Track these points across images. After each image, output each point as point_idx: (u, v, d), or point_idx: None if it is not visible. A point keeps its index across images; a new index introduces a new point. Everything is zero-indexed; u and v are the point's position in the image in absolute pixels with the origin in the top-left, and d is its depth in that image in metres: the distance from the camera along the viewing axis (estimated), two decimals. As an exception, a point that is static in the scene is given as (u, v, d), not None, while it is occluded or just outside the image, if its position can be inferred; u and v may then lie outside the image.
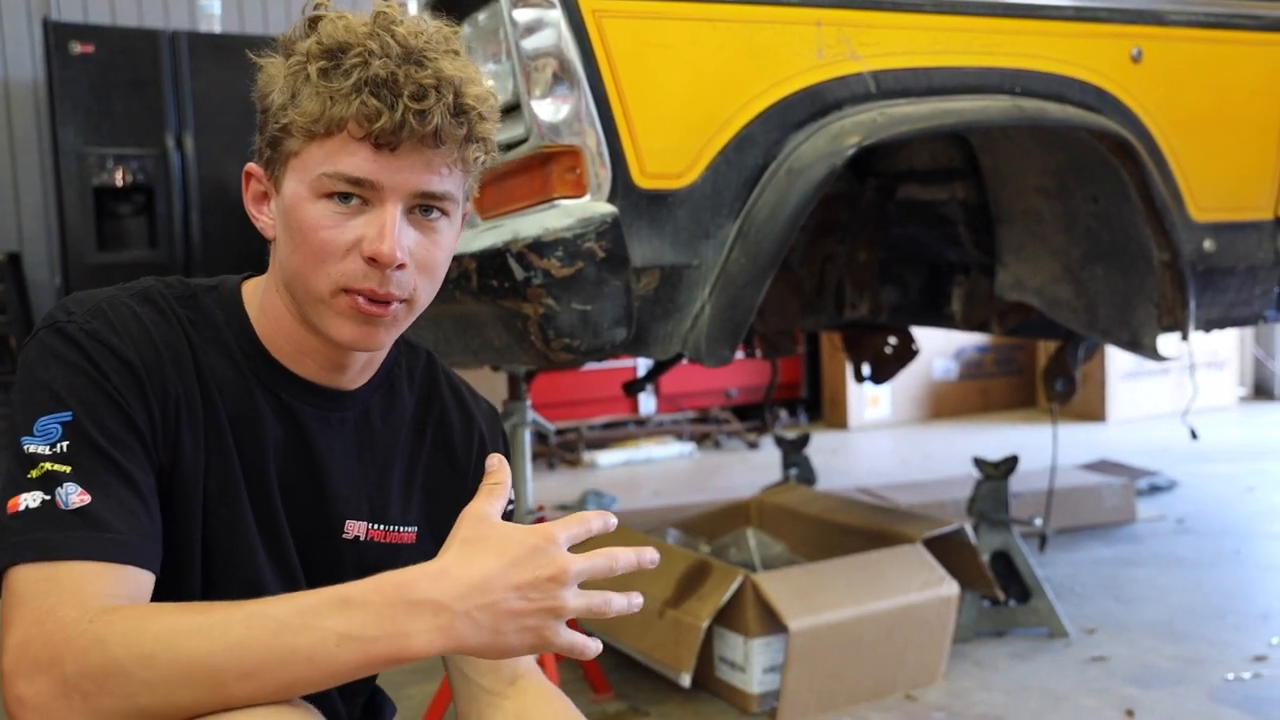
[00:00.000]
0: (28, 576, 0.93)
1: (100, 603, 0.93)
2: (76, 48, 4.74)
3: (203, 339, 1.10)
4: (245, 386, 1.11)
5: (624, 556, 0.99)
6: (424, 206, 1.05)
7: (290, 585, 1.14)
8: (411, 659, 0.90)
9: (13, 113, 5.44)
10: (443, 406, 1.25)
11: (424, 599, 0.90)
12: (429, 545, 1.24)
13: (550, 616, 0.93)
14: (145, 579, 0.98)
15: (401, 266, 1.03)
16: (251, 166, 1.10)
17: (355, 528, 1.19)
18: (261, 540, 1.12)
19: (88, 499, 0.96)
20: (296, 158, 1.03)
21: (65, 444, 0.98)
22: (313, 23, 1.04)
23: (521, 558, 0.93)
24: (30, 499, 0.95)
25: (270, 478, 1.13)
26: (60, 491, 0.96)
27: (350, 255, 1.03)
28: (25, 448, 0.98)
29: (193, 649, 0.88)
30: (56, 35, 4.73)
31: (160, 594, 1.00)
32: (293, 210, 1.04)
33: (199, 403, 1.08)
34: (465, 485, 1.25)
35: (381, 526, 1.20)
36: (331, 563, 1.17)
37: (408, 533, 1.22)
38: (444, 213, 1.07)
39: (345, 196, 1.02)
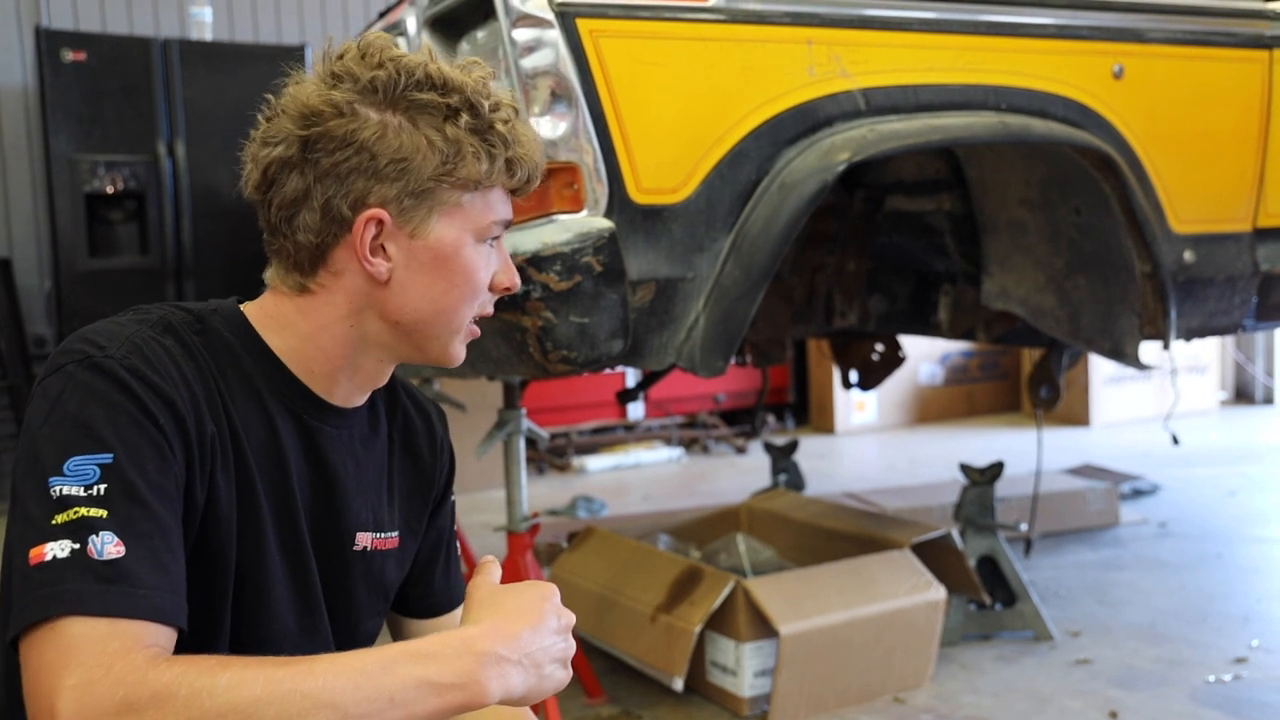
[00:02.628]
0: (77, 626, 0.89)
1: (164, 654, 0.91)
2: (68, 55, 4.76)
3: (220, 366, 1.10)
4: (266, 414, 1.12)
5: None
6: None
7: (308, 611, 1.17)
8: (477, 706, 0.96)
9: (4, 119, 5.45)
10: (405, 412, 1.30)
11: (489, 651, 0.98)
12: (409, 546, 1.29)
13: (569, 654, 1.07)
14: (174, 637, 0.95)
15: None
16: (379, 212, 1.09)
17: (363, 539, 1.22)
18: (284, 568, 1.14)
19: (123, 550, 0.92)
20: (456, 207, 1.11)
21: (103, 487, 0.94)
22: (428, 73, 1.09)
23: (549, 610, 1.06)
24: (58, 548, 0.91)
25: (296, 505, 1.14)
26: (94, 540, 0.92)
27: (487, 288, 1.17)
28: (54, 489, 0.93)
29: (292, 688, 0.89)
30: (48, 43, 4.75)
31: (192, 632, 0.99)
32: (455, 254, 1.12)
33: (228, 438, 1.08)
34: (431, 485, 1.31)
35: (380, 535, 1.24)
36: (341, 575, 1.21)
37: (394, 538, 1.26)
38: None
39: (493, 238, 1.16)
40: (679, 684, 2.60)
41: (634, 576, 2.89)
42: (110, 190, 4.85)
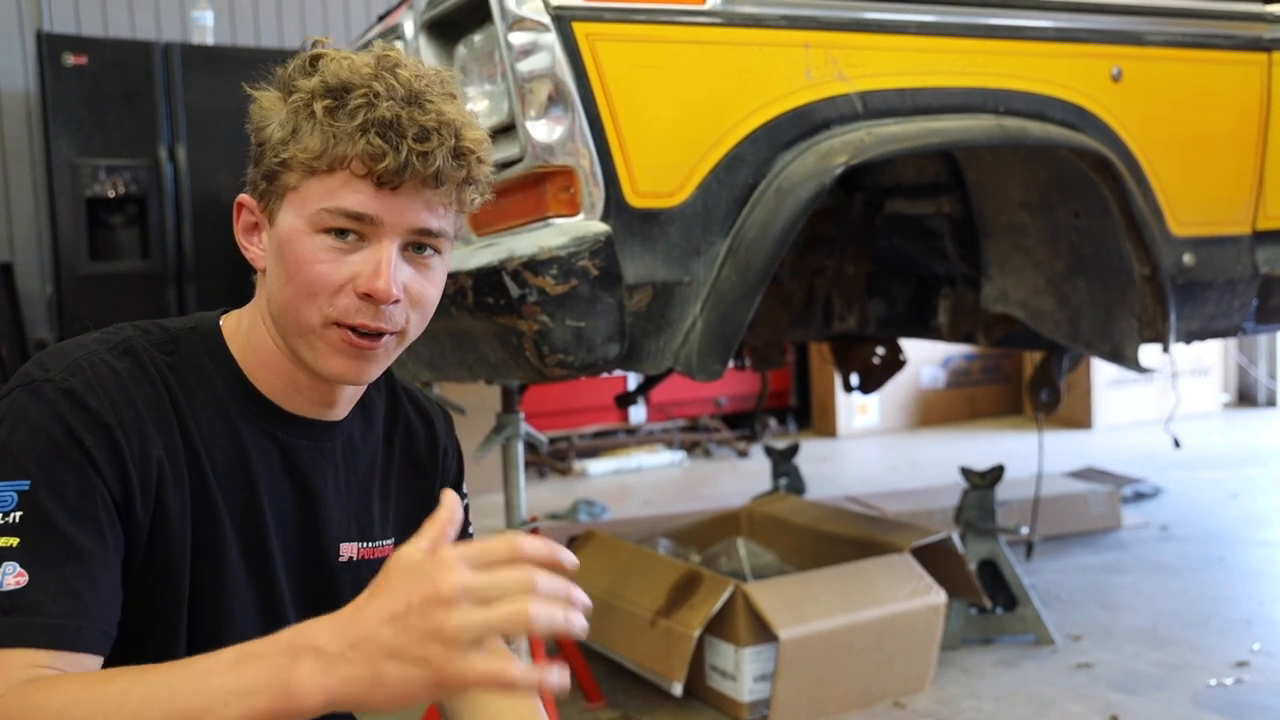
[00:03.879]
0: None
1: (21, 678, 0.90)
2: (69, 59, 4.76)
3: (186, 387, 1.08)
4: (234, 432, 1.10)
5: (530, 546, 0.83)
6: (418, 244, 1.07)
7: (273, 631, 1.16)
8: (298, 714, 0.81)
9: (5, 123, 5.46)
10: (406, 417, 1.28)
11: (305, 644, 0.82)
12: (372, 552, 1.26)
13: (436, 644, 0.77)
14: (83, 662, 0.94)
15: (396, 302, 1.05)
16: (244, 198, 1.10)
17: (348, 549, 1.20)
18: (250, 586, 1.12)
19: (24, 580, 0.92)
20: (294, 192, 1.04)
21: (18, 514, 0.94)
22: (314, 61, 1.05)
23: (394, 584, 0.80)
24: None
25: (265, 523, 1.12)
26: None
27: (344, 291, 1.04)
28: None
29: (104, 707, 0.85)
30: (50, 47, 4.75)
31: (145, 653, 0.97)
32: (288, 243, 1.05)
33: (183, 460, 1.06)
34: (433, 491, 1.27)
35: (369, 544, 1.22)
36: (328, 589, 1.19)
37: (388, 546, 1.24)
38: (437, 250, 1.09)
39: (343, 232, 1.03)
40: (678, 689, 2.60)
41: (633, 580, 2.88)
42: (111, 194, 4.85)
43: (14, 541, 0.93)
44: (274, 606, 1.15)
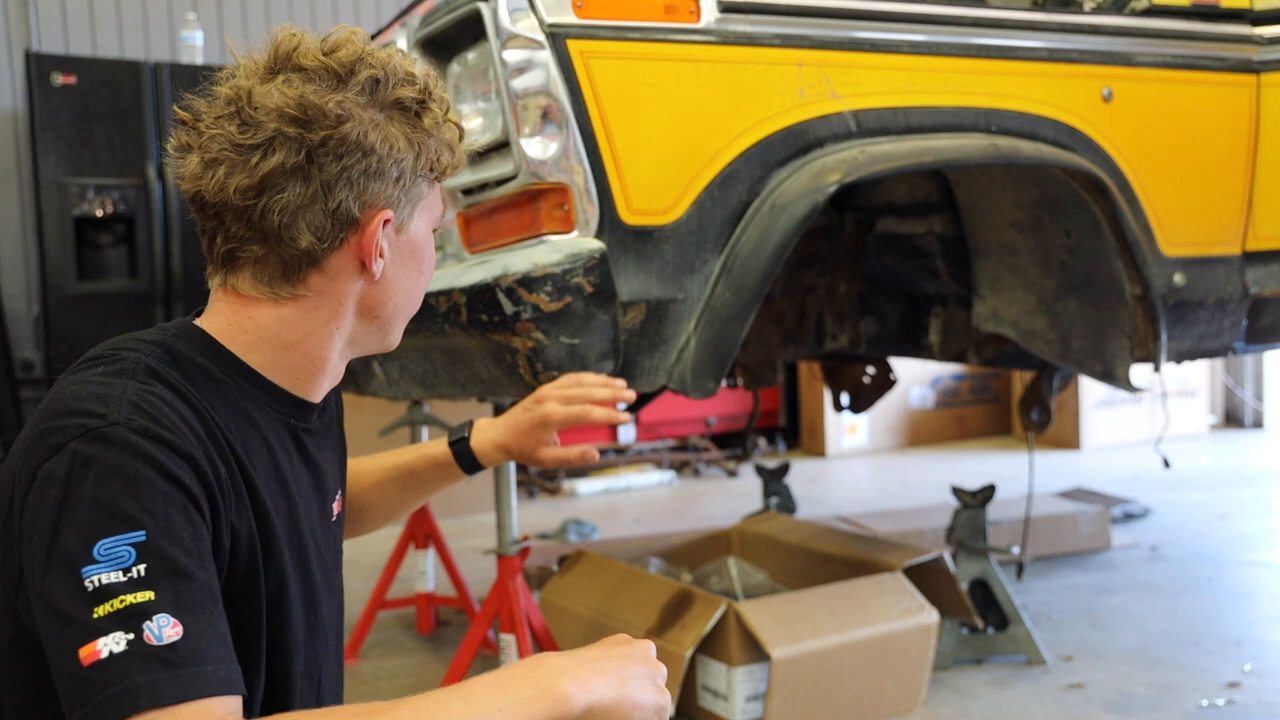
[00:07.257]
0: None
1: None
2: (58, 79, 4.76)
3: (207, 396, 1.06)
4: (260, 434, 1.10)
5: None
6: None
7: (312, 612, 1.16)
8: (565, 714, 0.96)
9: (-7, 142, 5.44)
10: None
11: (557, 664, 0.99)
12: (343, 503, 1.34)
13: (658, 695, 1.09)
14: (238, 704, 0.92)
15: None
16: (390, 214, 1.10)
17: (338, 505, 1.28)
18: (296, 576, 1.13)
19: (180, 631, 0.88)
20: (425, 200, 1.16)
21: (142, 567, 0.88)
22: (400, 70, 1.12)
23: (635, 651, 1.10)
24: (112, 643, 0.85)
25: (299, 514, 1.15)
26: (150, 626, 0.87)
27: None
28: (89, 579, 0.87)
29: None
30: (38, 66, 4.75)
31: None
32: (425, 245, 1.18)
33: (237, 473, 1.05)
34: (344, 436, 1.36)
35: (341, 494, 1.31)
36: (331, 546, 1.25)
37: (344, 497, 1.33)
38: None
39: None
40: (670, 709, 2.58)
41: (625, 600, 2.87)
42: (99, 214, 4.84)
43: (150, 595, 0.88)
44: (311, 592, 1.16)
